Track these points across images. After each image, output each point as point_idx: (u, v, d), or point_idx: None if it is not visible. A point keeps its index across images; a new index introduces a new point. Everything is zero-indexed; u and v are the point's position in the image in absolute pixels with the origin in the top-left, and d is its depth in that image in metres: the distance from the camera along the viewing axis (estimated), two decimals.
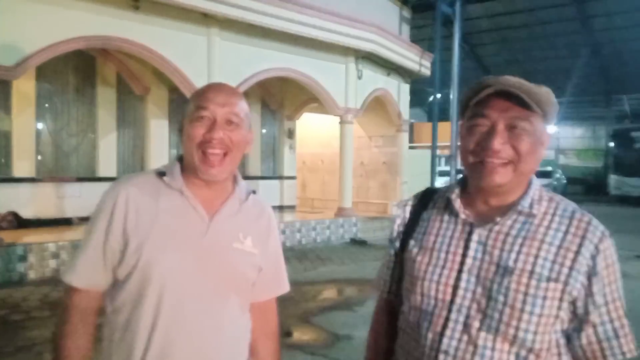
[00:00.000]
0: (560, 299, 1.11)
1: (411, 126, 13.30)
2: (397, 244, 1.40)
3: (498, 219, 1.18)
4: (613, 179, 21.31)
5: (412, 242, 1.33)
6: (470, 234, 1.21)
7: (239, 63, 8.83)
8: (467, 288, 1.17)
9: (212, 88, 1.34)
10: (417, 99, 21.10)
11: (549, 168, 27.19)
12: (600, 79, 27.58)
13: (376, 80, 11.50)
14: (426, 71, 12.42)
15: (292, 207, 12.51)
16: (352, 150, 11.22)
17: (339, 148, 11.10)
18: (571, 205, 1.21)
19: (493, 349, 1.13)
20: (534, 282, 1.11)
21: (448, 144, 12.44)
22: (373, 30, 10.22)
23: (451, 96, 12.36)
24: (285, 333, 4.84)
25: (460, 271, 1.20)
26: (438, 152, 13.03)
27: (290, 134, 12.61)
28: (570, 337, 1.15)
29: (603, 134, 31.25)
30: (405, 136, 12.76)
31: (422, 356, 1.22)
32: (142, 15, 7.64)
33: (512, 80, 1.14)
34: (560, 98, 29.96)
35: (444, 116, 13.04)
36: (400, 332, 1.34)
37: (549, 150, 36.12)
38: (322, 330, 5.22)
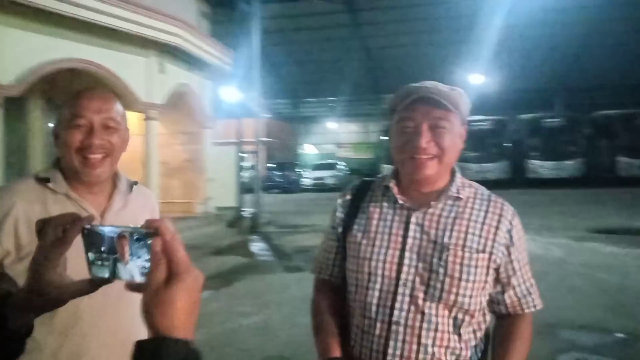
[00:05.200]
0: (488, 267, 1.34)
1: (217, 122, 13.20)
2: (340, 230, 1.50)
3: (432, 203, 1.37)
4: (386, 168, 24.14)
5: (355, 227, 1.45)
6: (408, 217, 1.38)
7: (22, 53, 7.66)
8: (410, 264, 1.34)
9: (86, 95, 1.39)
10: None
11: (332, 161, 29.73)
12: (370, 80, 31.09)
13: (179, 76, 11.12)
14: (228, 67, 12.44)
15: None
16: (157, 148, 10.66)
17: (139, 146, 10.42)
18: (485, 190, 1.46)
19: (437, 315, 1.31)
20: (467, 254, 1.32)
21: (253, 140, 12.65)
22: (176, 24, 9.86)
23: (254, 93, 12.58)
24: None
25: (403, 250, 1.36)
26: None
27: None
28: (494, 299, 1.39)
29: (374, 129, 35.25)
30: (209, 133, 12.62)
31: (374, 330, 1.35)
32: None
33: (431, 87, 1.33)
34: (337, 97, 33.09)
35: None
36: (348, 310, 1.46)
37: (330, 144, 39.50)
38: None
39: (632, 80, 27.81)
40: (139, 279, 0.68)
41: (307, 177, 26.13)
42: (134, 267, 0.68)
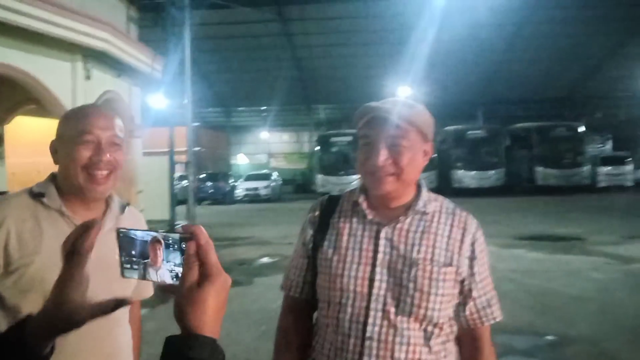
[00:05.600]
0: (455, 280, 1.37)
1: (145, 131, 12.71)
2: (310, 247, 1.49)
3: (401, 218, 1.39)
4: (319, 178, 24.33)
5: (326, 244, 1.45)
6: (378, 232, 1.39)
7: None
8: (382, 279, 1.35)
9: (92, 112, 1.41)
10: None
11: (266, 171, 29.54)
12: (301, 90, 31.25)
13: (106, 82, 10.61)
14: (158, 74, 12.03)
15: None
16: None
17: None
18: (451, 203, 1.50)
19: (408, 328, 1.33)
20: (435, 268, 1.34)
21: (185, 149, 12.25)
22: (104, 28, 9.41)
23: (185, 100, 12.21)
24: None
25: (374, 265, 1.36)
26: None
27: None
28: (456, 310, 1.41)
29: (306, 138, 35.50)
30: (138, 142, 12.14)
31: (348, 346, 1.35)
32: None
33: (388, 106, 1.36)
34: (269, 106, 33.03)
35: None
36: (320, 327, 1.46)
37: (263, 154, 39.30)
38: None
39: (548, 94, 29.84)
40: (169, 281, 0.71)
41: (240, 188, 25.69)
42: (165, 270, 0.71)
